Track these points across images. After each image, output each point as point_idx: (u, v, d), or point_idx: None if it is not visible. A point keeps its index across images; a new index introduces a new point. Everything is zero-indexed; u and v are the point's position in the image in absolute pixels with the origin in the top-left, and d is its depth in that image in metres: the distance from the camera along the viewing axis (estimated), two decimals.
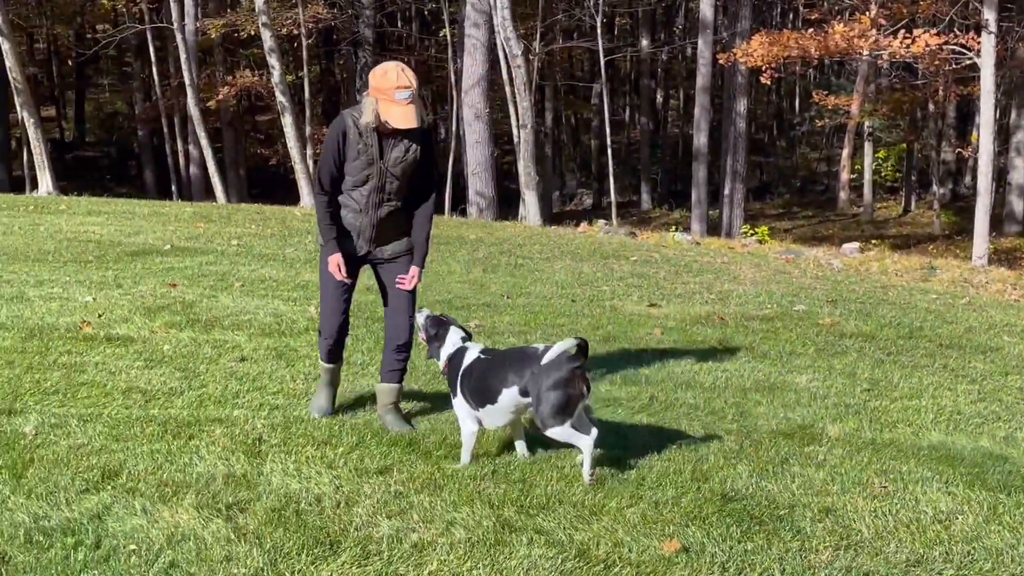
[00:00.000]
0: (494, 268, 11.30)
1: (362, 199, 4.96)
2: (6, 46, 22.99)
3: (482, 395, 4.48)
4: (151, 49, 30.61)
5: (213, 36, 28.00)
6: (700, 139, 26.22)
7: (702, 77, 26.26)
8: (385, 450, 4.69)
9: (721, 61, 24.28)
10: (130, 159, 42.79)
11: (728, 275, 11.99)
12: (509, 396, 4.40)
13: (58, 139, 42.34)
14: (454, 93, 26.42)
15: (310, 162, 24.11)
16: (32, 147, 23.70)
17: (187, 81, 25.28)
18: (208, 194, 29.90)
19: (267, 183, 37.07)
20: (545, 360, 4.28)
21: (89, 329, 6.86)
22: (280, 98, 22.70)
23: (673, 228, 21.82)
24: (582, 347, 4.29)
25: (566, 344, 4.28)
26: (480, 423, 4.55)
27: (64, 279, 8.90)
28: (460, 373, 4.59)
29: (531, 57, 24.89)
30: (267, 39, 22.45)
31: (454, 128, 26.18)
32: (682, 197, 34.23)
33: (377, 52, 32.50)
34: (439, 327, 4.79)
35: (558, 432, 4.28)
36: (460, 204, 23.98)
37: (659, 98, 43.01)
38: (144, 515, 3.84)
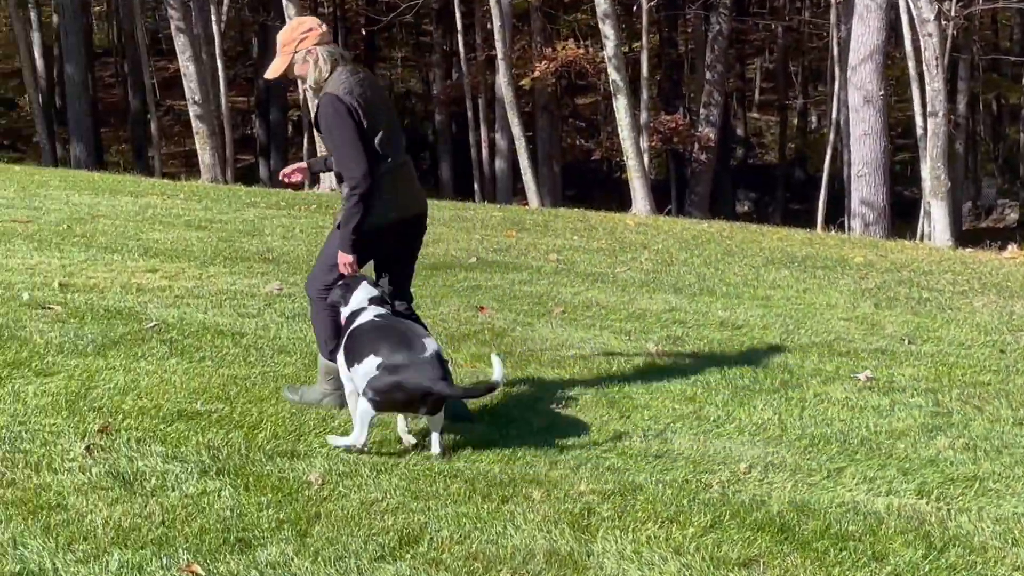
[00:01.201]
0: (889, 302, 10.88)
1: None
2: (291, 10, 24.94)
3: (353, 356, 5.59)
4: (456, 14, 32.19)
5: None
6: None
7: None
8: (749, 535, 4.59)
9: None
10: (423, 149, 45.15)
11: None
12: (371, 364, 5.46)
13: None
14: (835, 70, 25.86)
15: (645, 157, 24.36)
16: (314, 133, 25.54)
17: (499, 53, 26.33)
18: (517, 194, 30.99)
19: (586, 182, 37.97)
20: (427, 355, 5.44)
21: None
22: (613, 75, 23.10)
23: None
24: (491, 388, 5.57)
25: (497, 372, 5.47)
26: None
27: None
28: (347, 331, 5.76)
29: (943, 22, 23.88)
30: (602, 1, 22.97)
31: (833, 115, 25.60)
32: None
33: (734, 18, 32.47)
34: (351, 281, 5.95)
35: (360, 412, 5.40)
36: (838, 216, 23.37)
37: None
38: None
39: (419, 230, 6.38)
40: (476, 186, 33.83)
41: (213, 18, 29.77)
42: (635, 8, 29.31)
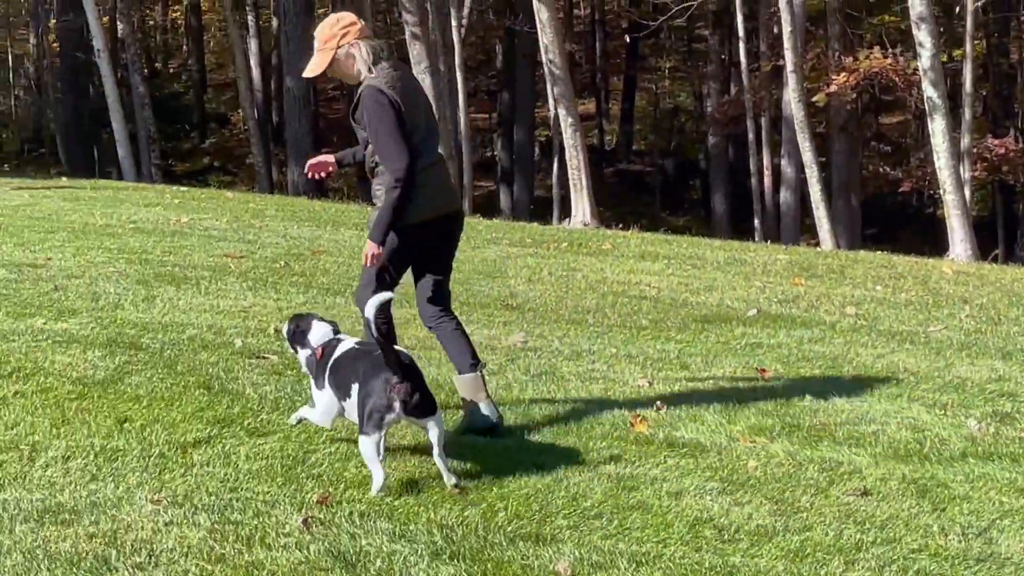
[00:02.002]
0: None
1: None
2: (544, 14, 25.40)
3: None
4: (738, 17, 32.17)
5: None
6: None
7: None
8: None
9: None
10: (692, 177, 45.13)
11: None
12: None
13: (595, 145, 45.57)
14: None
15: (967, 190, 23.73)
16: (567, 157, 25.88)
17: (788, 63, 26.17)
18: (806, 233, 30.62)
19: (891, 219, 37.23)
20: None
21: (644, 427, 7.26)
22: (928, 90, 22.66)
23: None
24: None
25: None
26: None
27: (608, 350, 9.54)
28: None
29: None
30: (916, 2, 22.58)
31: None
32: None
33: None
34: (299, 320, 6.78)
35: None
36: None
37: None
38: None
39: (454, 229, 7.27)
40: (756, 222, 33.56)
41: (453, 23, 30.60)
42: (958, 10, 28.68)
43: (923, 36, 22.92)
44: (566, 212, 27.66)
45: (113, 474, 5.96)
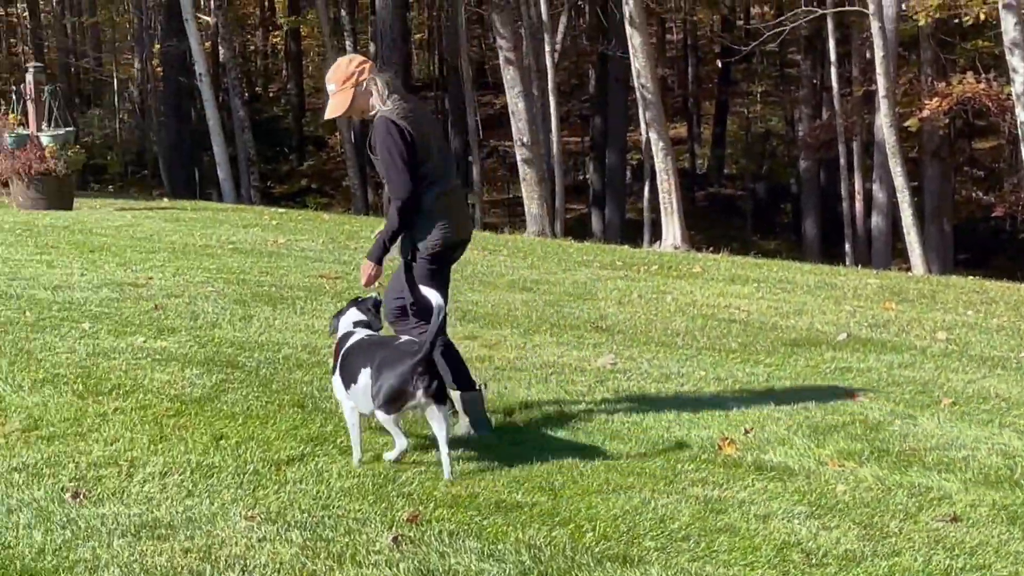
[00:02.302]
0: None
1: None
2: (636, 39, 25.44)
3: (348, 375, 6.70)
4: (830, 42, 31.96)
5: (921, 23, 28.53)
6: None
7: None
8: None
9: None
10: (783, 201, 44.87)
11: None
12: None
13: (687, 169, 45.48)
14: None
15: None
16: (659, 180, 25.86)
17: (880, 88, 25.95)
18: (897, 257, 30.35)
19: (984, 244, 36.78)
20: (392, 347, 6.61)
21: (732, 450, 7.23)
22: (1022, 116, 22.38)
23: None
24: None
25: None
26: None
27: (697, 373, 9.51)
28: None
29: None
30: (1010, 28, 22.32)
31: None
32: None
33: None
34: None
35: (382, 421, 6.55)
36: None
37: None
38: None
39: (461, 253, 7.73)
40: (847, 246, 33.35)
41: (547, 48, 30.69)
42: None
43: (1016, 62, 22.65)
44: (657, 235, 27.62)
45: (208, 490, 6.03)
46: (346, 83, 7.28)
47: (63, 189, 21.66)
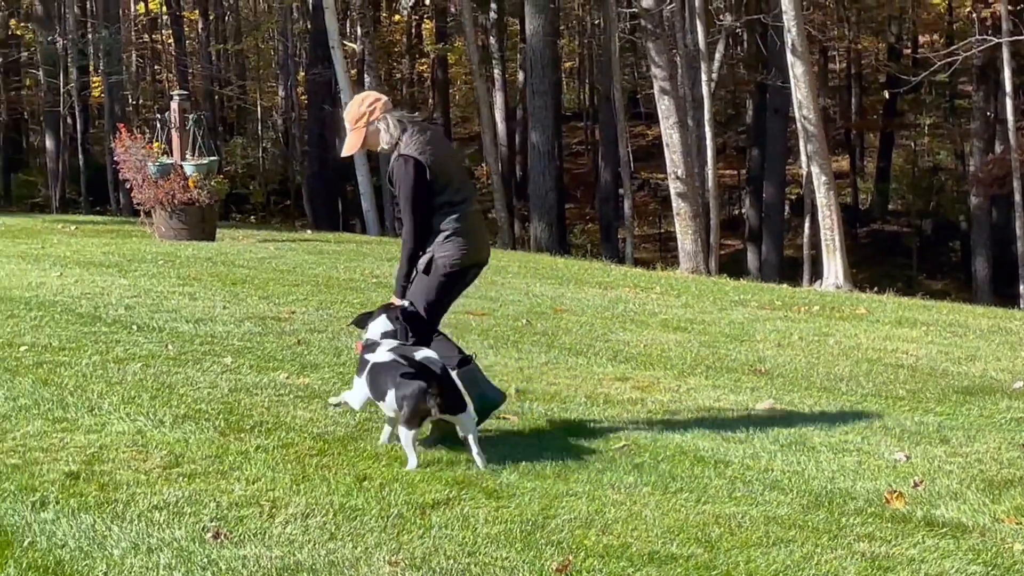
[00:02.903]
0: None
1: None
2: (798, 68, 25.23)
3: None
4: (1005, 73, 31.40)
5: None
6: None
7: None
8: None
9: None
10: (952, 239, 44.12)
11: None
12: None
13: (849, 204, 44.95)
14: None
15: None
16: (820, 216, 25.56)
17: None
18: None
19: None
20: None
21: (900, 504, 7.07)
22: None
23: None
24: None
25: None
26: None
27: (862, 420, 9.34)
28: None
29: None
30: None
31: None
32: None
33: None
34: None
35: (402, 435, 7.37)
36: None
37: None
38: None
39: (475, 275, 8.39)
40: (1021, 288, 32.60)
41: (703, 77, 30.59)
42: None
43: None
44: (817, 274, 27.29)
45: (352, 533, 6.06)
46: (358, 122, 8.02)
47: (206, 219, 22.11)
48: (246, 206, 48.24)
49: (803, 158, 29.18)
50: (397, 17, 55.39)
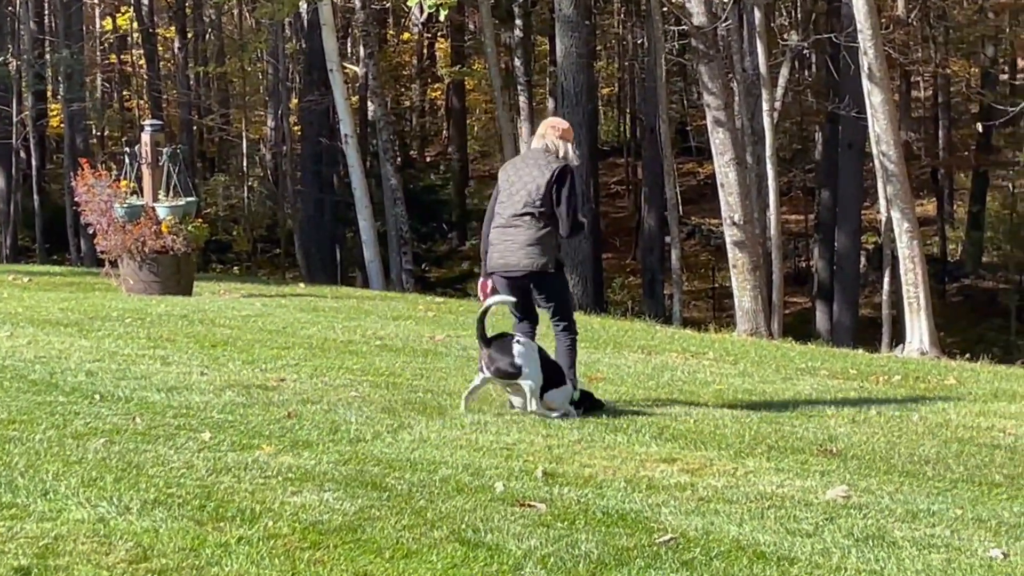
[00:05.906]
0: None
1: None
2: (876, 97, 25.27)
3: None
4: None
5: None
6: None
7: None
8: None
9: None
10: None
11: None
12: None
13: (936, 256, 44.80)
14: None
15: None
16: (902, 270, 25.50)
17: None
18: None
19: None
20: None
21: None
22: None
23: None
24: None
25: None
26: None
27: (951, 511, 9.30)
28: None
29: None
30: None
31: None
32: None
33: None
34: None
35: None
36: None
37: None
38: None
39: (521, 285, 12.52)
40: None
41: (764, 107, 30.64)
42: None
43: None
44: (899, 337, 27.24)
45: None
46: (567, 132, 12.25)
47: (182, 270, 22.15)
48: (229, 255, 48.45)
49: (882, 201, 29.23)
50: (406, 35, 55.79)
